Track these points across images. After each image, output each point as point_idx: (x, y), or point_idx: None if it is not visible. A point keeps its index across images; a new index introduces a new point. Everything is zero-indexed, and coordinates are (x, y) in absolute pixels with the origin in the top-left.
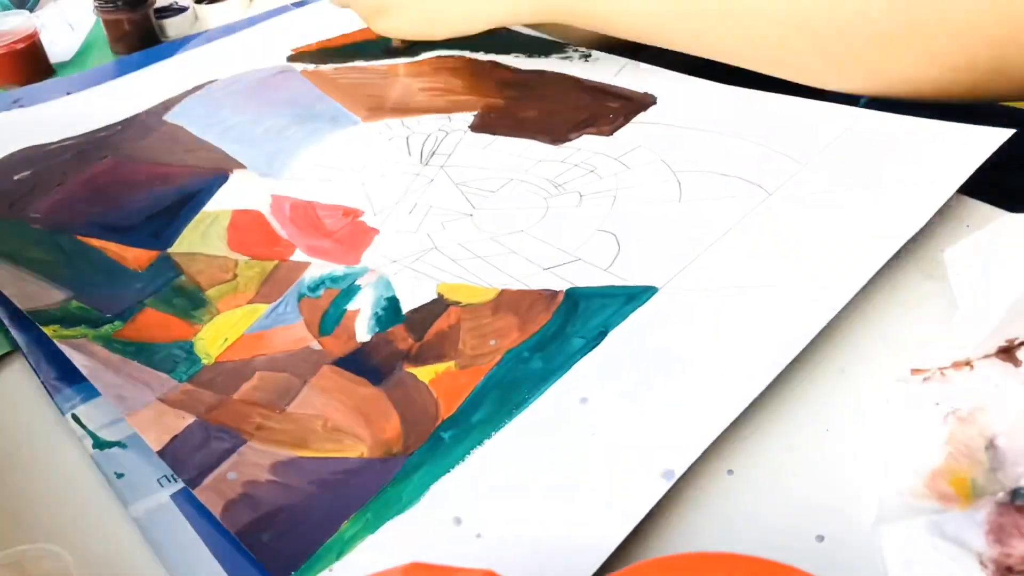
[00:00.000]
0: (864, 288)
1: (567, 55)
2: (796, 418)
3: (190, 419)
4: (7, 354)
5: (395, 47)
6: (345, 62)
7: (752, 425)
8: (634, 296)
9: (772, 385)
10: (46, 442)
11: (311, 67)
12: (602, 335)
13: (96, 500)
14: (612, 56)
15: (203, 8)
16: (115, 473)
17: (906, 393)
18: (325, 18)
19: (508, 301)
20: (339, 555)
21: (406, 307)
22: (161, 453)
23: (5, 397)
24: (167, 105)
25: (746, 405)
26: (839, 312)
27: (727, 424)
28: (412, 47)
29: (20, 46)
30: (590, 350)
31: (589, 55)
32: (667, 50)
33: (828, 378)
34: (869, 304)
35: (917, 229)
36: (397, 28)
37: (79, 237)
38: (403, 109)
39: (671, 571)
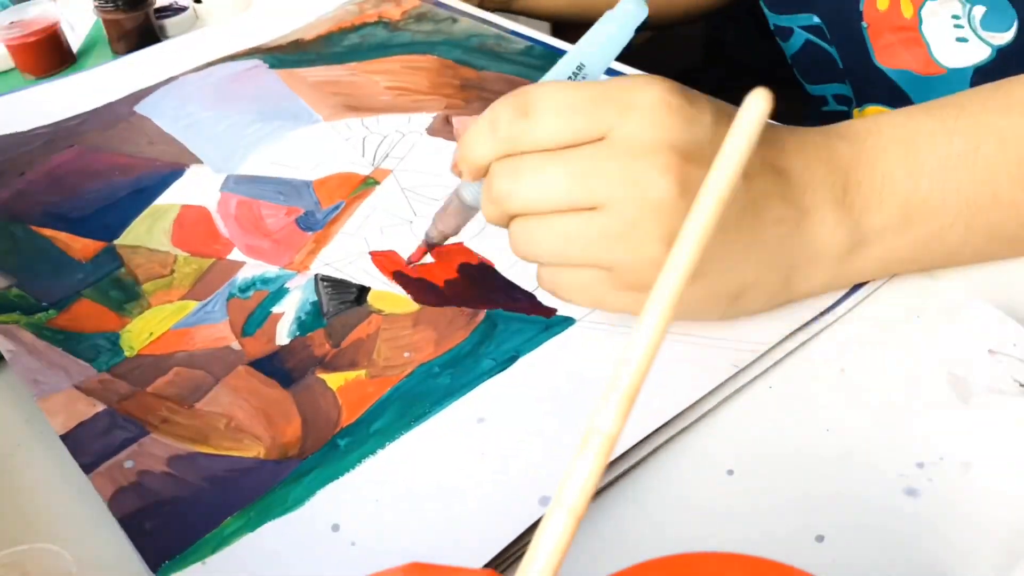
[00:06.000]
0: (863, 288)
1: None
2: (796, 418)
3: (100, 407)
4: None
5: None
6: (317, 59)
7: (752, 425)
8: (551, 325)
9: (772, 385)
10: (47, 441)
11: (284, 61)
12: (513, 359)
13: (95, 500)
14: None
15: (203, 8)
16: None
17: None
18: (305, 10)
19: (429, 315)
20: (215, 550)
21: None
22: (64, 437)
23: (4, 394)
24: (139, 96)
25: (628, 447)
26: (839, 313)
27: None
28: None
29: (42, 36)
30: (498, 372)
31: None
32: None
33: (828, 378)
34: (869, 304)
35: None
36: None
37: (32, 227)
38: (365, 108)
39: (671, 571)
